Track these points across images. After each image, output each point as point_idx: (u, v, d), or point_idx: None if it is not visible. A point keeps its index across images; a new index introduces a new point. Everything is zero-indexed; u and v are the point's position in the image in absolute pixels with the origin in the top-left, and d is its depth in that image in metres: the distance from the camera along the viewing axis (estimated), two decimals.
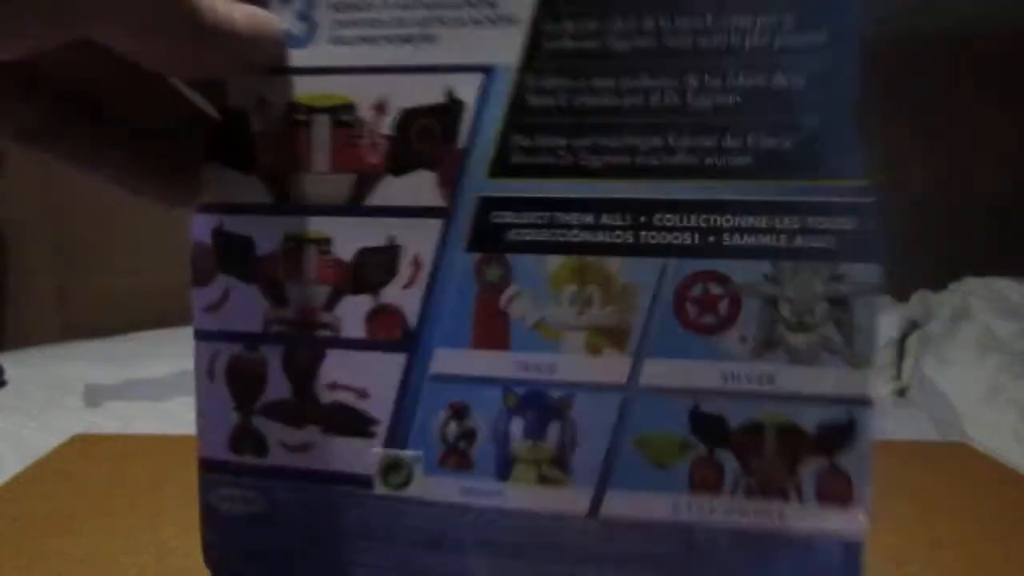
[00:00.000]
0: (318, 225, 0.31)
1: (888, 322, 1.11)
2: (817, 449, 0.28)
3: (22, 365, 1.03)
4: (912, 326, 1.11)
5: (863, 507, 0.28)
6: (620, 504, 0.29)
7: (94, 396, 0.86)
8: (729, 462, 0.29)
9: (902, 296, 1.27)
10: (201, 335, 0.32)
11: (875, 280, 0.27)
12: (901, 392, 0.97)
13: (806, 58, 0.27)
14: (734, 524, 0.29)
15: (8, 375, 0.96)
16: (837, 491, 0.28)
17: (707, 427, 0.29)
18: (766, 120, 0.28)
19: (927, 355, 0.98)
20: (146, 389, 0.89)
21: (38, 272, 1.43)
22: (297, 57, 0.31)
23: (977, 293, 1.17)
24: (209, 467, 0.33)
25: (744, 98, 0.28)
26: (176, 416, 0.80)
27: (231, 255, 0.32)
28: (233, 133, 0.31)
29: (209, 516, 0.33)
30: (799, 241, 0.28)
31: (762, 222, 0.28)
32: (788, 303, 0.28)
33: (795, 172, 0.28)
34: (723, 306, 0.28)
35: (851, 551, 0.28)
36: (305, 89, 0.31)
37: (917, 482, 0.50)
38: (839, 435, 0.28)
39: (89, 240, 1.42)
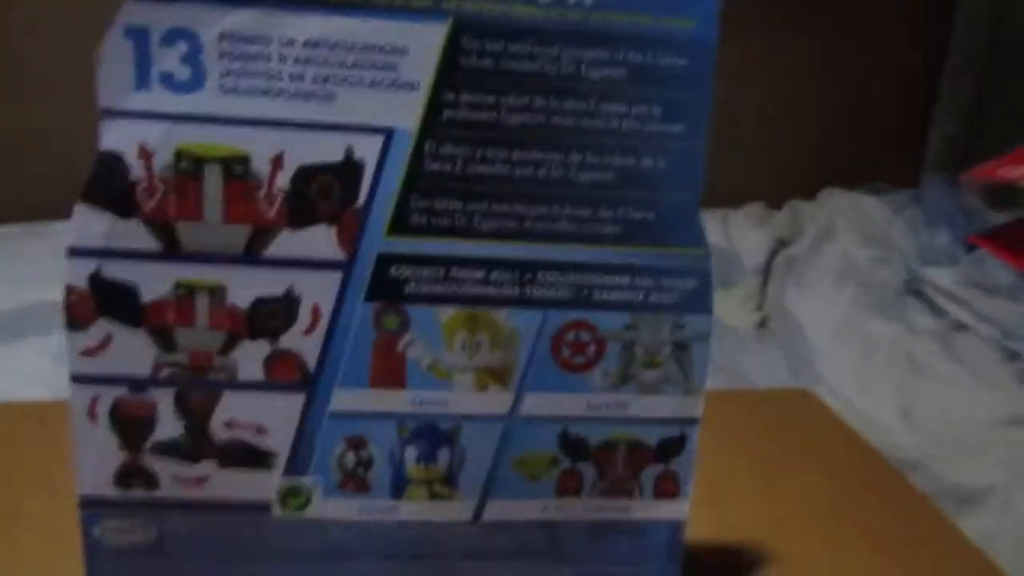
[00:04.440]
0: (211, 274, 0.29)
1: (757, 241, 1.04)
2: (656, 458, 0.32)
3: None
4: (780, 245, 1.04)
5: (687, 497, 0.33)
6: (499, 510, 0.32)
7: None
8: (588, 472, 0.32)
9: (776, 202, 1.18)
10: (79, 379, 0.29)
11: (708, 328, 0.31)
12: (763, 322, 0.90)
13: (669, 144, 0.30)
14: (590, 518, 0.33)
15: None
16: (669, 488, 0.33)
17: (573, 446, 0.32)
18: (634, 196, 0.30)
19: (788, 282, 0.93)
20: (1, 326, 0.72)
21: None
22: (182, 103, 0.27)
23: (842, 211, 1.09)
24: (91, 504, 0.30)
25: (617, 175, 0.30)
26: (29, 366, 0.67)
27: (112, 301, 0.29)
28: (111, 177, 0.28)
29: (93, 551, 0.31)
30: (653, 297, 0.31)
31: (624, 281, 0.30)
32: (642, 346, 0.31)
33: (653, 241, 0.30)
34: (591, 349, 0.31)
35: (676, 529, 0.33)
36: (193, 137, 0.28)
37: (758, 440, 0.48)
38: (674, 446, 0.32)
39: None
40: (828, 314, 0.88)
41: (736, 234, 1.11)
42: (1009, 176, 1.06)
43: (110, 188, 0.28)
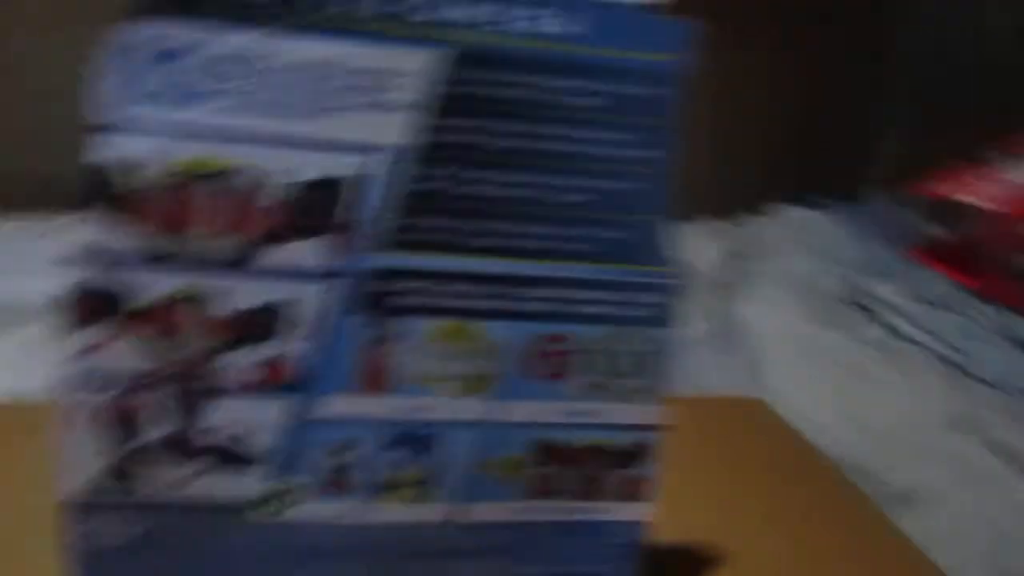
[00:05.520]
0: (199, 283, 0.29)
1: (709, 253, 1.08)
2: (621, 462, 0.34)
3: None
4: (730, 257, 1.09)
5: (650, 500, 0.34)
6: (472, 512, 0.33)
7: None
8: (557, 475, 0.33)
9: (727, 216, 1.21)
10: (70, 380, 0.30)
11: (671, 341, 0.33)
12: (715, 329, 0.94)
13: (638, 168, 0.31)
14: (558, 519, 0.34)
15: None
16: (633, 490, 0.34)
17: (543, 450, 0.33)
18: (607, 216, 0.31)
19: (738, 292, 0.98)
20: None
21: None
22: (174, 119, 0.28)
23: (790, 226, 1.16)
24: (73, 503, 0.31)
25: (591, 196, 0.31)
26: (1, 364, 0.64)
27: (104, 307, 0.29)
28: (104, 190, 0.28)
29: (77, 552, 0.31)
30: (622, 311, 0.32)
31: (597, 296, 0.32)
32: (612, 358, 0.33)
33: (624, 259, 0.32)
34: (564, 359, 0.32)
35: (637, 530, 0.35)
36: (183, 152, 0.28)
37: (711, 446, 0.50)
38: (639, 451, 0.34)
39: None
40: (775, 323, 0.91)
41: (689, 246, 1.15)
42: (948, 193, 1.10)
43: (103, 200, 0.28)
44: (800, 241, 1.12)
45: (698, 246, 1.15)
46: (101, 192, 0.28)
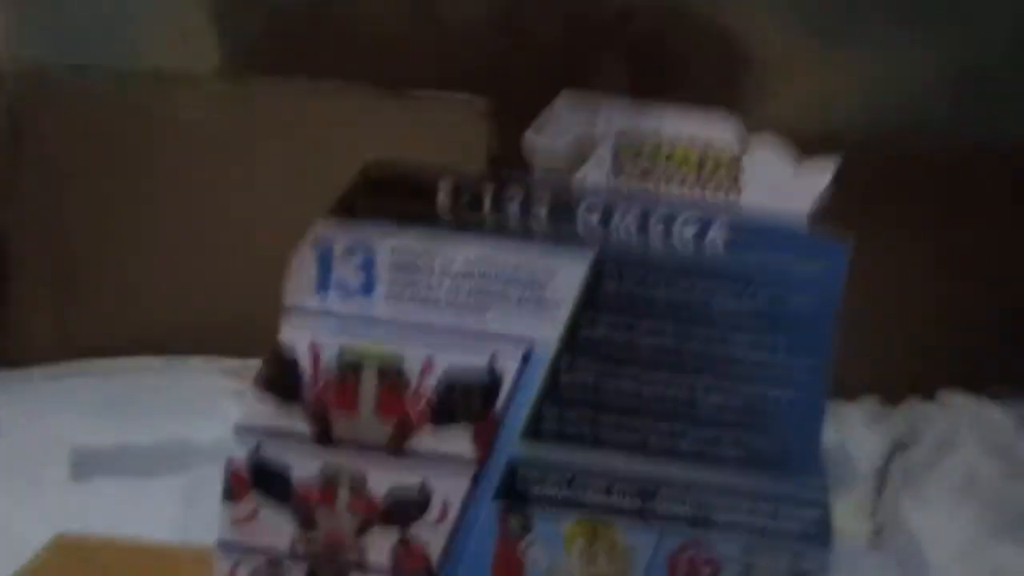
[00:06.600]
0: (355, 462, 0.31)
1: (872, 443, 0.97)
2: None
3: (10, 404, 0.84)
4: (896, 448, 0.97)
5: None
6: None
7: (82, 468, 0.73)
8: None
9: (891, 398, 1.09)
10: (225, 546, 0.31)
11: (827, 562, 0.31)
12: (877, 532, 0.85)
13: (793, 376, 0.30)
14: None
15: None
16: None
17: None
18: (757, 422, 0.30)
19: (906, 492, 0.87)
20: (135, 461, 0.75)
21: (36, 288, 1.18)
22: (352, 305, 0.31)
23: (966, 419, 1.02)
24: None
25: (741, 401, 0.30)
26: (162, 507, 0.69)
27: (266, 478, 0.31)
28: (282, 366, 0.31)
29: None
30: (771, 524, 0.30)
31: (743, 505, 0.30)
32: (759, 572, 0.31)
33: (775, 468, 0.30)
34: (706, 571, 0.30)
35: None
36: (356, 336, 0.30)
37: None
38: None
39: (91, 260, 1.18)
40: (949, 533, 0.81)
41: (849, 431, 1.07)
42: None
43: (279, 376, 0.31)
44: (977, 437, 1.00)
45: (858, 431, 1.07)
46: (279, 369, 0.31)
